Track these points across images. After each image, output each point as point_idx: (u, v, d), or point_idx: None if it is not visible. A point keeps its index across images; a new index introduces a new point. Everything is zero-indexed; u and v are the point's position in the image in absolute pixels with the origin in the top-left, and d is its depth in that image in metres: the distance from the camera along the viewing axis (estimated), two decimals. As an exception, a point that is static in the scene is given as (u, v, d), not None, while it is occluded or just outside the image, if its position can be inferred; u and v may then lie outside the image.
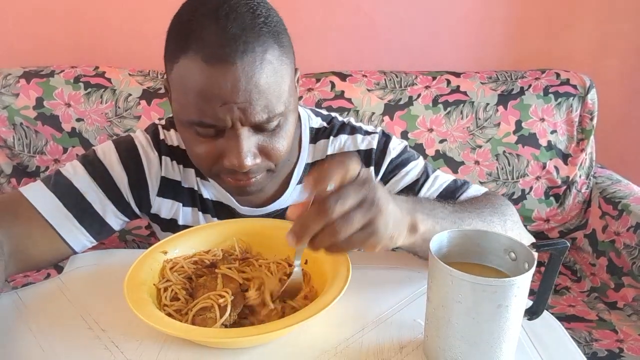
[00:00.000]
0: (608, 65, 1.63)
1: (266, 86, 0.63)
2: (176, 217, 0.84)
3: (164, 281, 0.63)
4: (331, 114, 0.89)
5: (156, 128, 0.84)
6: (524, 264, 0.51)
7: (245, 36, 0.61)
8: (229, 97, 0.62)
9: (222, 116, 0.63)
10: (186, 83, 0.63)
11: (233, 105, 0.62)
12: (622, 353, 1.12)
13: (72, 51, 1.54)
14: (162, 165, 0.82)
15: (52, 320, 0.62)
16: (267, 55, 0.63)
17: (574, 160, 1.46)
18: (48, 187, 0.75)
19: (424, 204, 0.64)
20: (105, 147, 0.80)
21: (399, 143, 0.86)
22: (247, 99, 0.62)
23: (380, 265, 0.74)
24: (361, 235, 0.51)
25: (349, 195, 0.50)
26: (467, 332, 0.50)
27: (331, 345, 0.57)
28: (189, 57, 0.62)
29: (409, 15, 1.56)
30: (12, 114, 1.35)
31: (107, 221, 0.79)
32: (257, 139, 0.67)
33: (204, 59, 0.61)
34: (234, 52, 0.60)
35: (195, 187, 0.83)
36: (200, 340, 0.56)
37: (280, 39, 0.65)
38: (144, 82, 1.39)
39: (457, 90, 1.44)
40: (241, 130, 0.65)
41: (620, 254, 1.33)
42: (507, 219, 0.73)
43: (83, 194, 0.76)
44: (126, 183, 0.79)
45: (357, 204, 0.50)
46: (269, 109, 0.64)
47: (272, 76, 0.64)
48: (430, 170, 0.84)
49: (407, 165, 0.83)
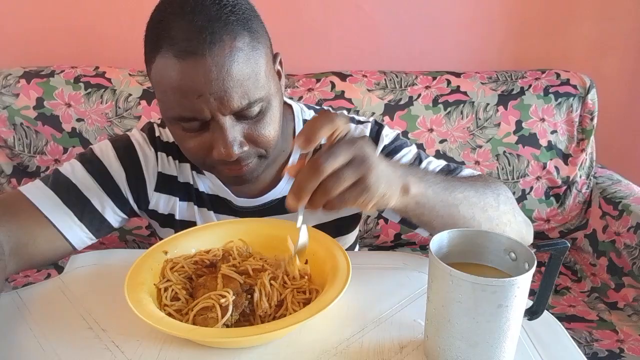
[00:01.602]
0: (608, 65, 1.63)
1: (239, 74, 0.64)
2: (173, 212, 0.84)
3: (164, 281, 0.63)
4: (324, 107, 0.90)
5: (152, 126, 0.85)
6: (524, 264, 0.51)
7: (211, 27, 0.62)
8: (203, 88, 0.63)
9: (199, 108, 0.64)
10: (163, 81, 0.65)
11: (208, 96, 0.63)
12: (623, 353, 1.12)
13: (72, 51, 1.54)
14: (158, 161, 0.83)
15: (53, 320, 0.62)
16: (236, 43, 0.64)
17: (575, 160, 1.46)
18: (47, 185, 0.76)
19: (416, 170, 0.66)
20: (103, 145, 0.81)
21: (391, 131, 0.87)
22: (222, 87, 0.63)
23: (380, 265, 0.74)
24: (353, 192, 0.52)
25: (340, 153, 0.51)
26: (467, 332, 0.50)
27: (331, 345, 0.57)
28: (162, 55, 0.64)
29: (409, 15, 1.56)
30: (13, 114, 1.35)
31: (106, 218, 0.79)
32: (241, 128, 0.68)
33: (175, 55, 0.62)
34: (201, 44, 0.62)
35: (190, 181, 0.84)
36: (201, 340, 0.56)
37: (250, 25, 0.66)
38: (144, 82, 1.39)
39: (458, 90, 1.44)
40: (224, 120, 0.66)
41: (620, 254, 1.33)
42: (500, 194, 0.74)
43: (82, 191, 0.77)
44: (124, 179, 0.80)
45: (348, 160, 0.51)
46: (248, 95, 0.65)
47: (245, 63, 0.64)
48: (424, 156, 0.85)
49: (400, 152, 0.83)
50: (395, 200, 0.58)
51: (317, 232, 0.70)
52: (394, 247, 1.49)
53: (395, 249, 1.49)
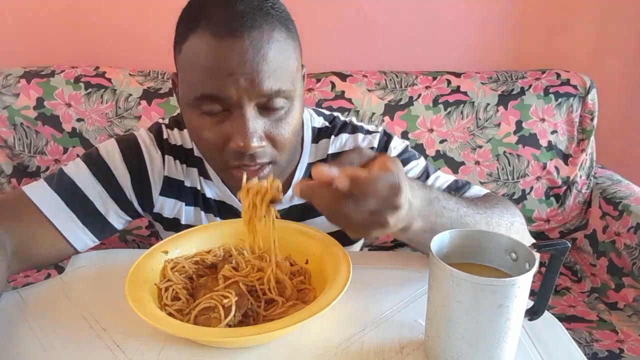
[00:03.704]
0: (608, 65, 1.63)
1: (274, 60, 0.64)
2: (179, 217, 0.84)
3: (165, 281, 0.63)
4: (333, 114, 0.89)
5: (160, 127, 0.84)
6: (525, 264, 0.51)
7: (252, 14, 0.63)
8: (235, 68, 0.62)
9: (227, 88, 0.63)
10: (194, 58, 0.64)
11: (239, 76, 0.63)
12: (623, 354, 1.12)
13: (73, 51, 1.54)
14: (165, 164, 0.81)
15: (54, 319, 0.62)
16: (274, 34, 0.64)
17: (575, 160, 1.46)
18: (51, 186, 0.75)
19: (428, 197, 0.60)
20: (109, 146, 0.80)
21: (400, 142, 0.86)
22: (255, 69, 0.63)
23: (380, 265, 0.74)
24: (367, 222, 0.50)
25: (367, 202, 0.48)
26: (467, 332, 0.50)
27: (332, 345, 0.57)
28: (198, 34, 0.64)
29: (409, 15, 1.56)
30: (13, 114, 1.35)
31: (110, 220, 0.79)
32: (263, 123, 0.67)
33: (212, 34, 0.63)
34: (241, 26, 0.62)
35: (198, 186, 0.83)
36: (202, 340, 0.56)
37: (287, 24, 0.67)
38: (144, 82, 1.39)
39: (458, 90, 1.44)
40: (247, 109, 0.65)
41: (620, 255, 1.33)
42: (514, 221, 0.73)
43: (86, 193, 0.76)
44: (129, 182, 0.79)
45: (374, 204, 0.49)
46: (279, 81, 0.65)
47: (280, 53, 0.65)
48: (432, 170, 0.84)
49: (407, 165, 0.83)
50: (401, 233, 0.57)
51: (317, 232, 0.70)
52: (394, 247, 1.49)
53: (395, 249, 1.49)
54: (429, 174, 0.83)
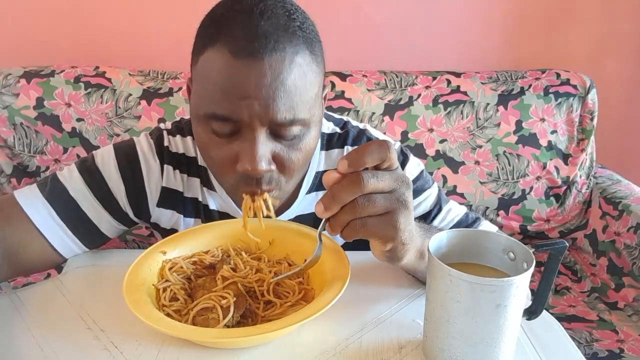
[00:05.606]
0: (608, 65, 1.63)
1: (292, 87, 0.60)
2: (177, 227, 0.81)
3: (163, 281, 0.63)
4: (343, 118, 0.86)
5: (161, 134, 0.80)
6: (523, 263, 0.51)
7: (277, 35, 0.59)
8: (251, 91, 0.59)
9: (240, 111, 0.60)
10: (209, 73, 0.61)
11: (254, 101, 0.59)
12: (623, 353, 1.12)
13: (72, 51, 1.54)
14: (163, 174, 0.79)
15: (51, 320, 0.62)
16: (297, 58, 0.61)
17: (575, 160, 1.46)
18: (43, 193, 0.73)
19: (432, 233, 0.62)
20: (105, 154, 0.77)
21: (416, 166, 0.82)
22: (271, 95, 0.59)
23: (379, 265, 0.73)
24: (380, 221, 0.51)
25: (384, 178, 0.50)
26: (466, 332, 0.50)
27: (331, 345, 0.57)
28: (216, 48, 0.60)
29: (409, 15, 1.56)
30: (13, 114, 1.35)
31: (103, 230, 0.77)
32: (273, 146, 0.63)
33: (231, 52, 0.59)
34: (262, 47, 0.58)
35: (199, 197, 0.80)
36: (200, 340, 0.56)
37: (313, 47, 0.63)
38: (144, 82, 1.39)
39: (458, 90, 1.44)
40: (258, 132, 0.61)
41: (620, 254, 1.33)
42: None
43: (78, 203, 0.74)
44: (123, 193, 0.76)
45: (387, 190, 0.50)
46: (294, 110, 0.61)
47: (300, 79, 0.61)
48: (444, 201, 0.83)
49: (421, 194, 0.80)
50: (409, 258, 0.57)
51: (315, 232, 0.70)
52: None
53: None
54: (442, 206, 0.81)
